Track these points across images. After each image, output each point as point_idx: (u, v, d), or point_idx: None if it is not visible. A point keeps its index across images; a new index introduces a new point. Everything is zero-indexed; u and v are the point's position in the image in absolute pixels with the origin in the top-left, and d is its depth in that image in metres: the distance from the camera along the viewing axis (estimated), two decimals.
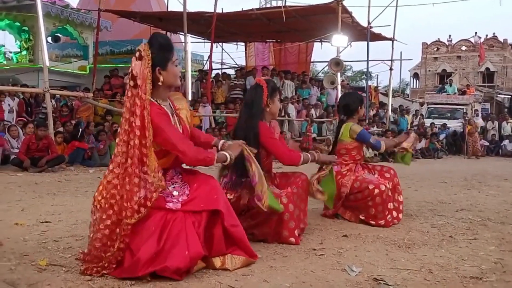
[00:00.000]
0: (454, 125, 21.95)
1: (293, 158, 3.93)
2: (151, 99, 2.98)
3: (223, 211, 3.00)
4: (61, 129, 11.22)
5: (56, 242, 3.64)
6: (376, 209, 4.59)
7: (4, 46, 22.31)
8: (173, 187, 3.10)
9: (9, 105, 12.66)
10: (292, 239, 3.76)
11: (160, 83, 3.02)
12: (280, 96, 4.21)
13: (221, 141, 3.51)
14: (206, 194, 3.03)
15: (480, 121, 22.19)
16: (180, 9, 15.31)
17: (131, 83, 2.94)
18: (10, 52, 21.80)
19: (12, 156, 9.59)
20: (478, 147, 18.72)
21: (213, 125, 14.46)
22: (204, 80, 17.79)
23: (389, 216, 4.62)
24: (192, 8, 17.97)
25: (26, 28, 19.69)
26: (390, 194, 4.70)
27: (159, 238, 2.86)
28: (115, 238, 2.89)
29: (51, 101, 11.68)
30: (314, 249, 3.62)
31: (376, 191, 4.60)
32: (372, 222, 4.60)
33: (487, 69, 42.73)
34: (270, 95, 3.96)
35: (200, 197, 3.02)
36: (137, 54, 2.97)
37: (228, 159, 3.22)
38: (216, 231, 3.03)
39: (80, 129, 11.36)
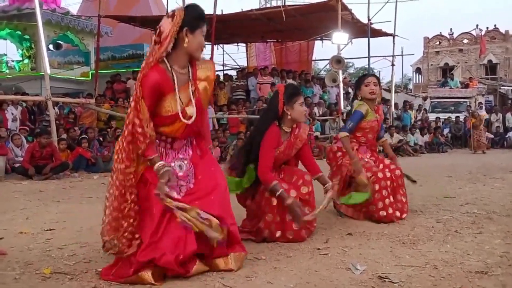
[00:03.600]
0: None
1: (264, 178, 3.82)
2: (162, 62, 2.96)
3: (218, 215, 2.98)
4: (64, 136, 11.24)
5: (60, 250, 3.64)
6: (374, 198, 4.56)
7: (6, 55, 22.38)
8: (179, 165, 3.09)
9: (12, 113, 12.68)
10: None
11: (185, 45, 2.96)
12: (303, 100, 4.10)
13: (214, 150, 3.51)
14: (204, 193, 3.04)
15: (483, 114, 21.86)
16: None
17: (156, 39, 2.95)
18: (12, 61, 21.85)
19: (17, 165, 9.61)
20: (484, 141, 17.85)
21: (216, 127, 14.46)
22: None
23: (389, 209, 4.58)
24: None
25: (27, 37, 19.73)
26: (389, 186, 4.65)
27: (158, 224, 2.89)
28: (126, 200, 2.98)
29: (54, 108, 11.69)
30: (319, 249, 3.61)
31: (373, 178, 4.59)
32: (375, 215, 4.59)
33: (490, 61, 42.55)
34: (288, 100, 3.94)
35: (198, 193, 3.04)
36: (170, 13, 2.99)
37: None
38: None
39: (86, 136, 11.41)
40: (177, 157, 3.12)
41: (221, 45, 21.53)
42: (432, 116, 22.35)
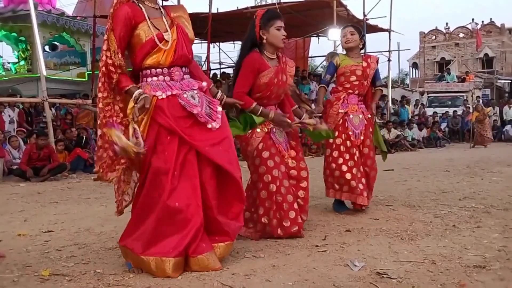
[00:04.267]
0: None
1: (243, 100, 3.80)
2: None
3: (225, 168, 3.06)
4: (61, 136, 11.24)
5: (58, 252, 3.64)
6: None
7: (2, 57, 22.34)
8: (191, 96, 3.09)
9: (9, 115, 12.66)
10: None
11: None
12: (283, 25, 3.92)
13: (220, 92, 3.47)
14: (214, 142, 3.08)
15: (489, 108, 21.31)
16: None
17: None
18: (9, 63, 21.81)
19: (14, 167, 9.60)
20: (489, 135, 17.45)
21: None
22: None
23: (359, 186, 4.70)
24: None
25: (23, 38, 19.70)
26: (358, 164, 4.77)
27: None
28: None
29: (51, 109, 11.68)
30: (317, 246, 3.61)
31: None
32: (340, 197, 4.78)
33: (486, 55, 42.56)
34: (264, 25, 3.87)
35: (209, 140, 3.07)
36: None
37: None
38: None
39: (84, 137, 11.42)
40: (185, 88, 3.11)
41: (217, 43, 21.51)
42: (429, 111, 22.38)
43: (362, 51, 5.17)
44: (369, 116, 5.02)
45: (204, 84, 3.22)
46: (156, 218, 2.94)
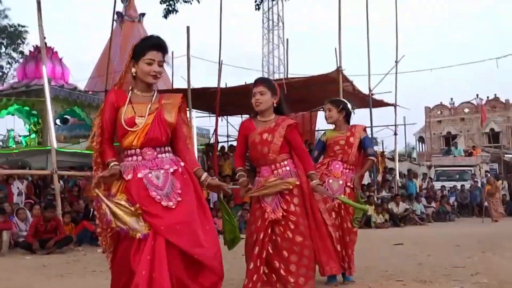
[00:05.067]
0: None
1: (235, 163, 4.28)
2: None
3: (183, 248, 3.03)
4: (68, 209, 11.23)
5: None
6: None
7: (13, 130, 22.73)
8: (156, 175, 3.18)
9: (18, 188, 12.73)
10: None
11: (133, 74, 3.32)
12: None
13: (205, 175, 3.35)
14: (176, 221, 3.08)
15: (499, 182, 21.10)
16: (185, 86, 15.68)
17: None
18: (20, 136, 22.15)
19: (20, 239, 9.55)
20: (501, 210, 17.25)
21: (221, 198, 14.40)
22: (210, 154, 17.92)
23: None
24: (196, 84, 18.40)
25: (35, 112, 20.08)
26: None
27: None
28: None
29: (59, 181, 11.75)
30: None
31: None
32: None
33: (492, 129, 42.92)
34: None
35: (168, 219, 3.09)
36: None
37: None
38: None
39: (91, 209, 11.40)
40: (153, 168, 3.21)
41: (225, 116, 21.84)
42: (437, 185, 22.31)
43: (354, 121, 5.35)
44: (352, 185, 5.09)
45: (182, 164, 3.30)
46: None
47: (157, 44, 3.27)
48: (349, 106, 5.40)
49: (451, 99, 47.37)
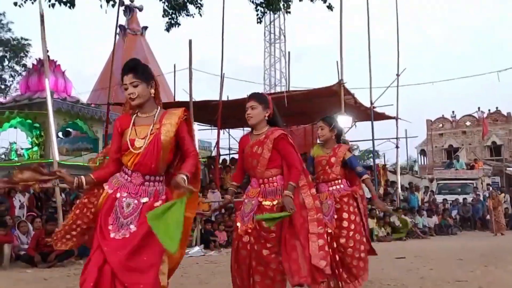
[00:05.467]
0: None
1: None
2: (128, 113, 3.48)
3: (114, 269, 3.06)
4: None
5: None
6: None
7: (15, 143, 22.75)
8: (128, 203, 3.26)
9: (19, 201, 12.73)
10: None
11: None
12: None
13: (182, 175, 3.20)
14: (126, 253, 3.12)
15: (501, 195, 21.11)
16: (187, 98, 15.74)
17: None
18: (22, 149, 22.17)
19: (22, 252, 9.53)
20: (503, 222, 17.51)
21: (223, 211, 14.40)
22: (212, 166, 17.93)
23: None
24: (198, 97, 18.48)
25: (37, 125, 20.12)
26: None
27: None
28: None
29: (61, 194, 11.73)
30: None
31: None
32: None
33: (494, 142, 42.89)
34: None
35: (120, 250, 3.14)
36: None
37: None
38: None
39: None
40: (131, 195, 3.27)
41: (227, 129, 21.88)
42: (439, 198, 22.27)
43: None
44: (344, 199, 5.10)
45: (164, 197, 3.34)
46: None
47: (125, 68, 3.34)
48: (340, 124, 5.44)
49: (453, 112, 47.41)
